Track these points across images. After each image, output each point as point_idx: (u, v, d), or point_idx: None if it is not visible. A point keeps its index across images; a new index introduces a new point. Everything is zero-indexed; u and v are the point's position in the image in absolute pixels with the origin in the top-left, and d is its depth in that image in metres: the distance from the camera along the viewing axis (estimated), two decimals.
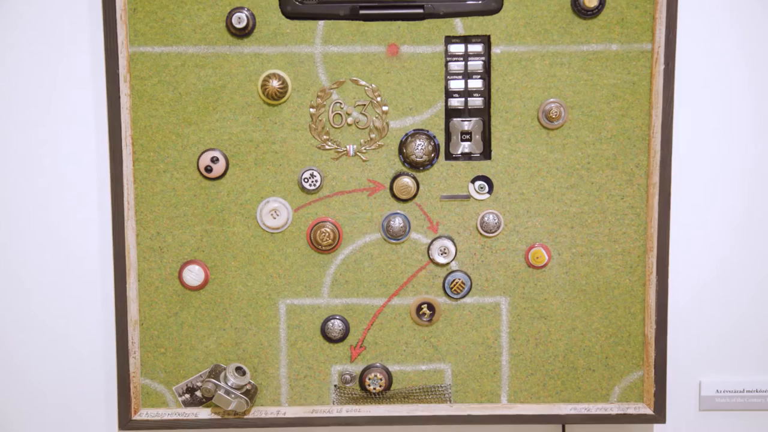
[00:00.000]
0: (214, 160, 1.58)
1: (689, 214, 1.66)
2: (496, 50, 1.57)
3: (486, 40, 1.57)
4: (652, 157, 1.59)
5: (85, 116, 1.63)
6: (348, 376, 1.64)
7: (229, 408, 1.59)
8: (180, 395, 1.64)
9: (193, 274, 1.60)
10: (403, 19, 1.56)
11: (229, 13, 1.55)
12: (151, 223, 1.61)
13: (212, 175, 1.58)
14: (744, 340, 1.70)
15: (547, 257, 1.61)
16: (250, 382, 1.62)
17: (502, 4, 1.56)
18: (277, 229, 1.60)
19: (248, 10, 1.55)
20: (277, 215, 1.60)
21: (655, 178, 1.60)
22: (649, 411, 1.64)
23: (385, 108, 1.58)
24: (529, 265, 1.62)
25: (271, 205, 1.60)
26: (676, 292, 1.68)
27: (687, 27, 1.62)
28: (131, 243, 1.60)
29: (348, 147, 1.59)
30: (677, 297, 1.68)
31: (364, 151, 1.59)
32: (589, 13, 1.56)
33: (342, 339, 1.63)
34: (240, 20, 1.54)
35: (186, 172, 1.59)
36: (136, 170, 1.59)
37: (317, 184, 1.59)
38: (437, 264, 1.62)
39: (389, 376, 1.64)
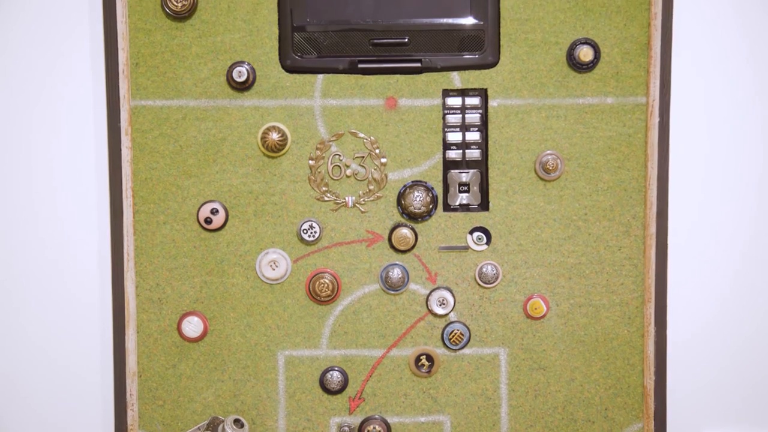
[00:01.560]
0: (214, 211, 1.59)
1: (687, 264, 1.67)
2: (493, 103, 1.59)
3: (483, 93, 1.59)
4: (649, 209, 1.61)
5: (86, 168, 1.64)
6: (347, 428, 1.63)
7: None
8: None
9: (192, 326, 1.61)
10: (401, 73, 1.58)
11: (230, 67, 1.57)
12: (150, 275, 1.61)
13: (212, 226, 1.60)
14: (745, 391, 1.69)
15: (545, 308, 1.61)
16: None
17: (498, 58, 1.58)
18: (276, 280, 1.61)
19: (249, 64, 1.58)
20: (276, 266, 1.60)
21: (652, 229, 1.61)
22: None
23: (383, 160, 1.60)
24: (528, 316, 1.62)
25: (270, 256, 1.60)
26: (675, 343, 1.68)
27: (681, 80, 1.64)
28: (131, 294, 1.61)
29: (347, 198, 1.60)
30: (676, 348, 1.68)
31: (363, 202, 1.60)
32: (584, 67, 1.58)
33: (341, 390, 1.62)
34: (240, 74, 1.57)
35: (186, 224, 1.61)
36: (137, 222, 1.61)
37: (316, 236, 1.60)
38: (436, 315, 1.62)
39: (388, 428, 1.63)
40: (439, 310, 1.61)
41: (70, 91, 1.63)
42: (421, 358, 1.62)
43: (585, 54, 1.57)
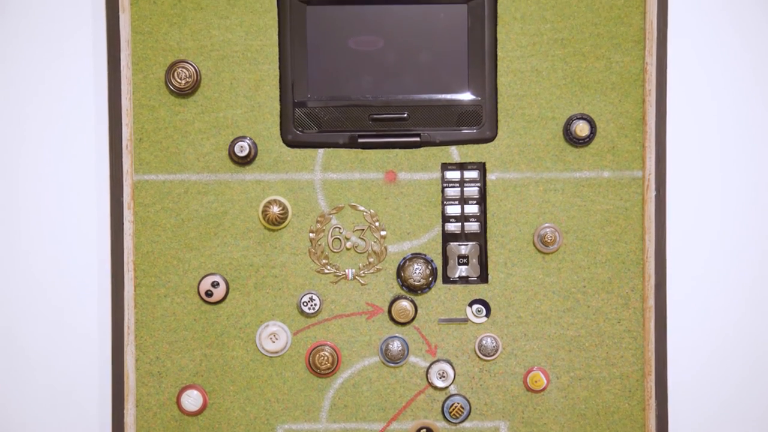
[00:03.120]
0: (215, 284, 1.60)
1: (686, 337, 1.67)
2: (491, 177, 1.61)
3: (481, 167, 1.62)
4: (647, 281, 1.61)
5: (88, 242, 1.66)
6: None
7: None
8: None
9: (192, 399, 1.60)
10: (400, 147, 1.61)
11: (232, 142, 1.60)
12: (150, 348, 1.61)
13: (212, 299, 1.60)
14: None
15: (545, 381, 1.61)
16: None
17: (496, 133, 1.61)
18: (276, 353, 1.61)
19: (250, 139, 1.60)
20: (276, 339, 1.61)
21: (651, 302, 1.61)
22: None
23: (383, 233, 1.61)
24: (528, 389, 1.62)
25: (271, 329, 1.61)
26: (676, 417, 1.67)
27: (676, 154, 1.66)
28: (130, 368, 1.61)
29: (347, 271, 1.61)
30: (678, 422, 1.67)
31: (363, 275, 1.61)
32: (580, 141, 1.60)
33: None
34: (242, 149, 1.59)
35: (186, 297, 1.61)
36: (137, 295, 1.61)
37: (316, 308, 1.60)
38: (436, 388, 1.62)
39: None
40: (439, 383, 1.61)
41: (75, 166, 1.66)
42: (422, 431, 1.61)
43: (581, 129, 1.59)
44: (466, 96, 1.60)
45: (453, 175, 1.61)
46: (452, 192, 1.62)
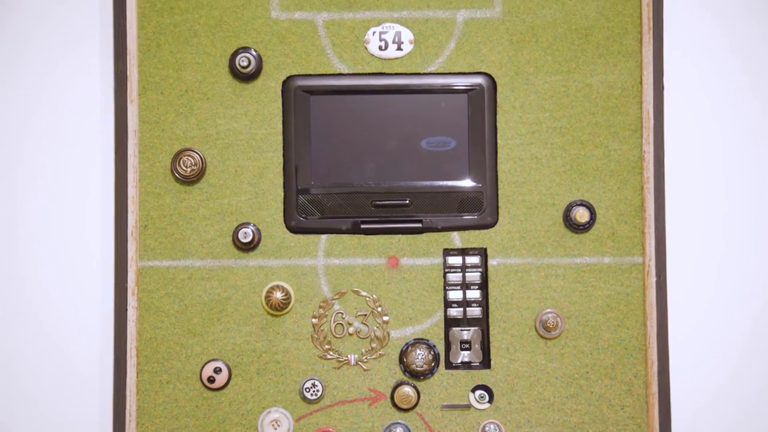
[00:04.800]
0: (217, 370, 1.60)
1: (691, 421, 1.66)
2: (492, 262, 1.63)
3: (483, 253, 1.63)
4: (650, 367, 1.61)
5: (90, 327, 1.66)
6: None
7: None
8: None
9: None
10: (402, 233, 1.63)
11: (236, 228, 1.61)
12: None
13: (215, 385, 1.60)
14: None
15: None
16: None
17: (497, 219, 1.63)
18: None
19: (254, 225, 1.62)
20: (279, 426, 1.60)
21: (654, 388, 1.61)
22: None
23: (385, 318, 1.62)
24: None
25: (273, 415, 1.60)
26: None
27: (676, 240, 1.68)
28: None
29: (349, 356, 1.61)
30: None
31: (366, 360, 1.61)
32: (580, 227, 1.62)
33: None
34: (246, 235, 1.61)
35: (189, 383, 1.61)
36: (140, 382, 1.61)
37: (319, 394, 1.60)
38: None
39: None
40: None
41: (80, 252, 1.67)
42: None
43: (581, 215, 1.61)
44: (467, 183, 1.63)
45: (455, 260, 1.63)
46: (454, 277, 1.63)
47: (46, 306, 1.67)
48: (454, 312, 1.62)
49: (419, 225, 1.62)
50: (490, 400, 1.61)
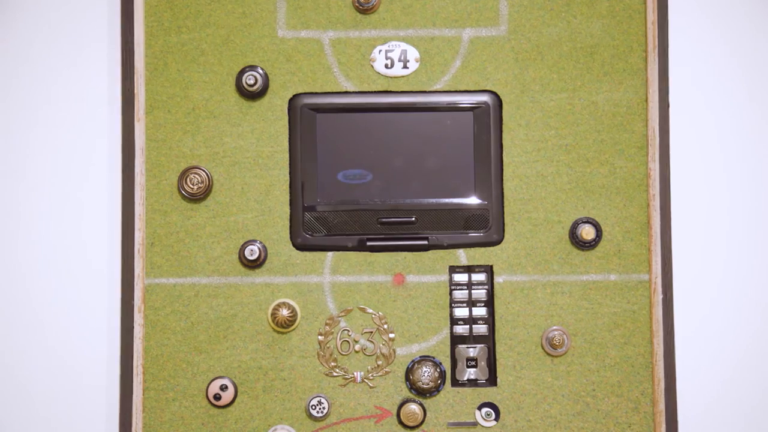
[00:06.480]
0: (223, 387, 1.60)
1: None
2: (498, 279, 1.63)
3: (489, 270, 1.63)
4: (657, 385, 1.61)
5: (98, 345, 1.66)
6: None
7: None
8: None
9: None
10: (408, 251, 1.63)
11: (242, 245, 1.62)
12: None
13: (221, 403, 1.60)
14: None
15: None
16: None
17: (503, 236, 1.63)
18: None
19: (260, 242, 1.62)
20: None
21: (661, 406, 1.60)
22: None
23: (391, 335, 1.62)
24: None
25: None
26: None
27: (682, 257, 1.68)
28: None
29: (355, 374, 1.61)
30: None
31: (372, 377, 1.61)
32: (586, 245, 1.62)
33: None
34: (252, 252, 1.61)
35: (195, 400, 1.61)
36: (146, 399, 1.61)
37: (325, 411, 1.60)
38: None
39: None
40: None
41: (87, 270, 1.67)
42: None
43: (587, 232, 1.61)
44: (473, 200, 1.63)
45: (461, 277, 1.63)
46: (460, 294, 1.63)
47: (54, 323, 1.67)
48: (460, 329, 1.62)
49: (425, 242, 1.62)
50: (497, 418, 1.61)
